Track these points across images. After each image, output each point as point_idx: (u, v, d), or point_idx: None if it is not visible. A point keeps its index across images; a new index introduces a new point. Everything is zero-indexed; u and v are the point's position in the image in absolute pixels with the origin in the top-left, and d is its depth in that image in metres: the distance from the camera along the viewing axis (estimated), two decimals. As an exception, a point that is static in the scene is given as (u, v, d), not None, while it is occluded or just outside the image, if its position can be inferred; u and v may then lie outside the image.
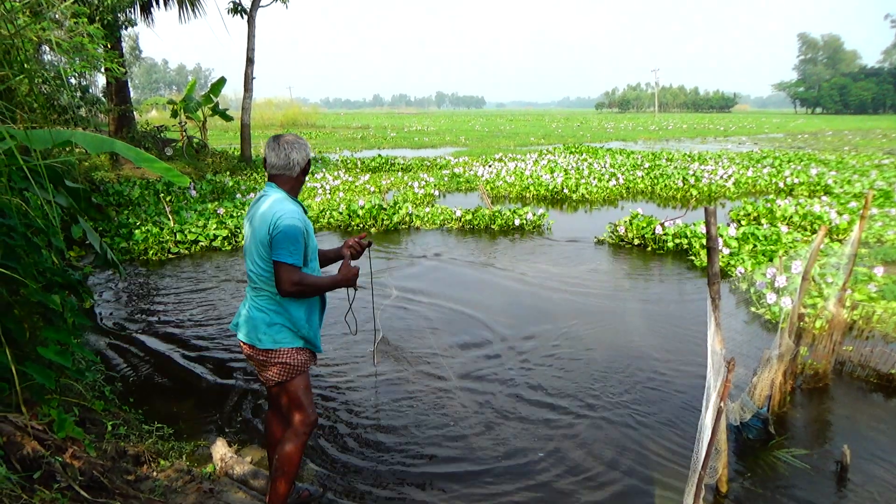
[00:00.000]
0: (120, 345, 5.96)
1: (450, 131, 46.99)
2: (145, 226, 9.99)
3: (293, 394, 2.96)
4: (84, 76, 13.62)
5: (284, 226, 2.77)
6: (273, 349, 2.88)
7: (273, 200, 2.88)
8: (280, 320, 2.89)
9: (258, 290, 2.91)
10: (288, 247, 2.76)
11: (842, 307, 4.98)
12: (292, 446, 2.93)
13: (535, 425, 4.44)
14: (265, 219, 2.82)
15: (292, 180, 2.98)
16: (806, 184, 15.67)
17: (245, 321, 2.94)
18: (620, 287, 7.86)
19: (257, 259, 2.86)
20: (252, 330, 2.89)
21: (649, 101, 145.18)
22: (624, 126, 57.83)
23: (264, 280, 2.87)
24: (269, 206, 2.86)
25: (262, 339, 2.87)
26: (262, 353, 2.90)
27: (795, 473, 3.85)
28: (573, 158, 22.72)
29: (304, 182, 3.09)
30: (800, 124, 61.37)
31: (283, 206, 2.84)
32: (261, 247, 2.84)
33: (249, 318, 2.91)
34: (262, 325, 2.88)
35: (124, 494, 2.97)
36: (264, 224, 2.81)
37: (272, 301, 2.88)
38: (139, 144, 17.51)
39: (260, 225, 2.83)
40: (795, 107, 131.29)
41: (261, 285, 2.89)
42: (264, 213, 2.84)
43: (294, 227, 2.78)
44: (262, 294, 2.90)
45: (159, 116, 33.82)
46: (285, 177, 2.96)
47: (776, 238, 9.17)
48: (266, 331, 2.87)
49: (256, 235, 2.85)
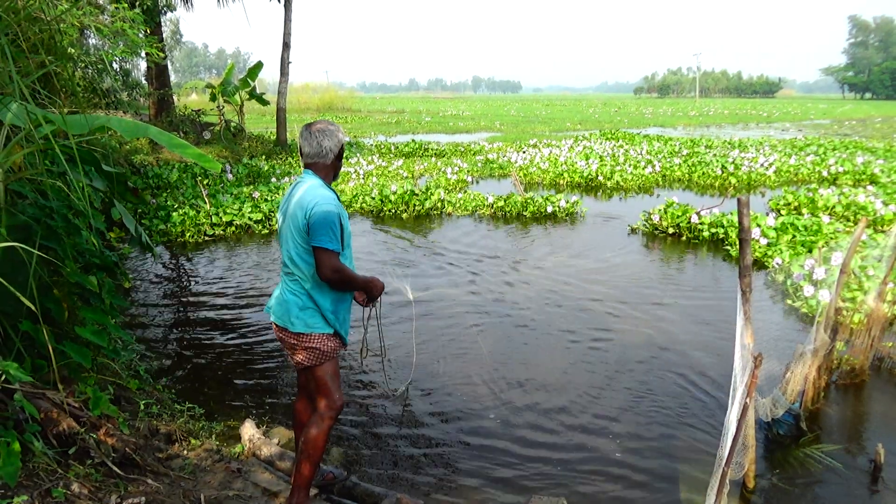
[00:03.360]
0: (155, 325, 6.12)
1: (485, 116, 46.73)
2: (182, 209, 10.19)
3: (321, 379, 2.99)
4: (125, 61, 13.91)
5: (321, 212, 2.77)
6: (305, 333, 2.90)
7: (308, 187, 2.89)
8: (312, 305, 2.92)
9: (290, 275, 2.93)
10: (327, 233, 2.77)
11: (882, 301, 4.83)
12: (318, 430, 2.96)
13: (560, 415, 4.43)
14: (301, 205, 2.83)
15: (327, 167, 3.00)
16: (851, 172, 15.17)
17: (278, 304, 2.98)
18: (653, 276, 7.75)
19: (292, 245, 2.88)
20: (285, 313, 2.93)
21: (690, 86, 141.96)
22: (663, 112, 56.70)
23: (297, 266, 2.89)
24: (304, 192, 2.88)
25: (294, 322, 2.89)
26: (294, 337, 2.93)
27: (826, 471, 3.77)
28: (609, 145, 22.38)
29: (340, 167, 3.10)
30: (847, 110, 59.35)
31: (318, 192, 2.86)
32: (296, 233, 2.85)
33: (283, 301, 2.94)
34: (295, 309, 2.90)
35: (155, 472, 3.06)
36: (300, 210, 2.82)
37: (302, 288, 2.91)
38: (177, 128, 17.84)
39: (296, 211, 2.85)
40: (843, 92, 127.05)
41: (293, 270, 2.91)
42: (300, 200, 2.85)
43: (330, 213, 2.79)
44: (293, 279, 2.93)
45: (199, 100, 34.32)
46: (320, 164, 2.98)
47: (817, 228, 8.91)
48: (298, 314, 2.90)
49: (292, 222, 2.87)
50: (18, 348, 2.95)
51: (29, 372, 2.92)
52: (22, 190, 3.42)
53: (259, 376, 5.03)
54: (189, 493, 2.97)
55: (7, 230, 3.00)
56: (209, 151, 17.37)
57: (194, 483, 3.12)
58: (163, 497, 2.84)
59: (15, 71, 2.92)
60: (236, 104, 20.90)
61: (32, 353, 3.11)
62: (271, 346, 5.58)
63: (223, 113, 20.13)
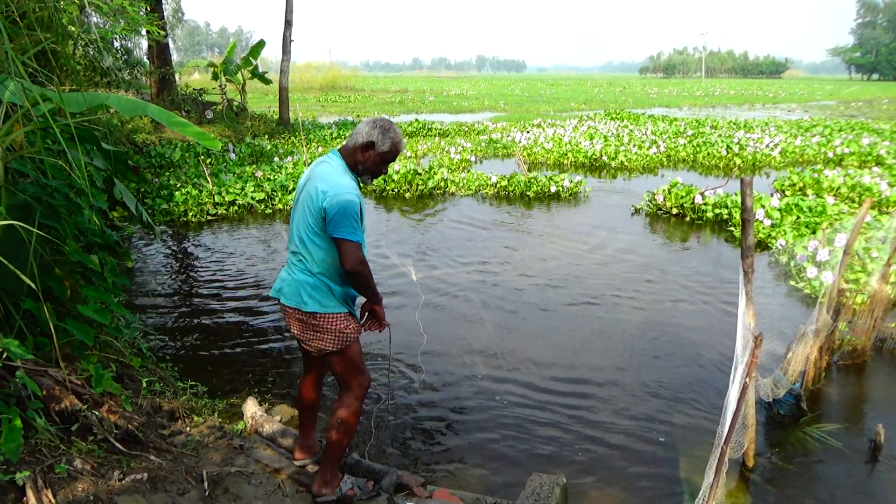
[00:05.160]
0: (158, 304, 6.14)
1: (489, 96, 46.41)
2: (185, 188, 10.18)
3: (350, 359, 2.94)
4: (126, 39, 13.80)
5: (343, 201, 2.67)
6: (320, 313, 2.82)
7: (330, 169, 2.81)
8: (324, 286, 2.84)
9: (297, 254, 2.86)
10: (350, 223, 2.69)
11: (885, 283, 4.81)
12: (348, 411, 2.92)
13: (561, 394, 4.44)
14: (319, 187, 2.74)
15: (352, 153, 2.86)
16: (857, 154, 15.06)
17: (288, 285, 2.88)
18: (655, 257, 7.74)
19: (303, 226, 2.80)
20: (296, 293, 2.83)
21: (696, 66, 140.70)
22: (668, 92, 56.24)
23: (306, 248, 2.81)
24: (325, 173, 2.79)
25: (307, 301, 2.81)
26: (309, 317, 2.84)
27: (826, 450, 3.78)
28: (614, 125, 22.23)
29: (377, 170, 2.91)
30: (854, 91, 58.77)
31: (339, 179, 2.76)
32: (309, 213, 2.77)
33: (294, 281, 2.85)
34: (307, 288, 2.82)
35: (158, 448, 3.08)
36: (316, 192, 2.73)
37: (309, 269, 2.83)
38: (179, 107, 17.75)
39: (312, 190, 2.76)
40: (850, 73, 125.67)
41: (301, 251, 2.83)
42: (320, 179, 2.77)
43: (352, 203, 2.69)
44: (302, 259, 2.84)
45: (201, 79, 34.14)
46: (349, 147, 2.87)
47: (821, 210, 8.86)
48: (311, 293, 2.82)
49: (308, 200, 2.78)
50: (20, 326, 2.96)
51: (31, 350, 2.94)
52: (23, 168, 3.41)
53: (261, 354, 5.06)
54: (192, 469, 2.99)
55: (7, 209, 3.00)
56: (211, 131, 17.31)
57: (197, 459, 3.15)
58: (165, 473, 2.86)
59: (12, 48, 2.89)
60: (238, 83, 20.77)
61: (35, 331, 3.13)
62: (273, 324, 5.60)
63: (225, 92, 20.03)
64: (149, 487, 2.70)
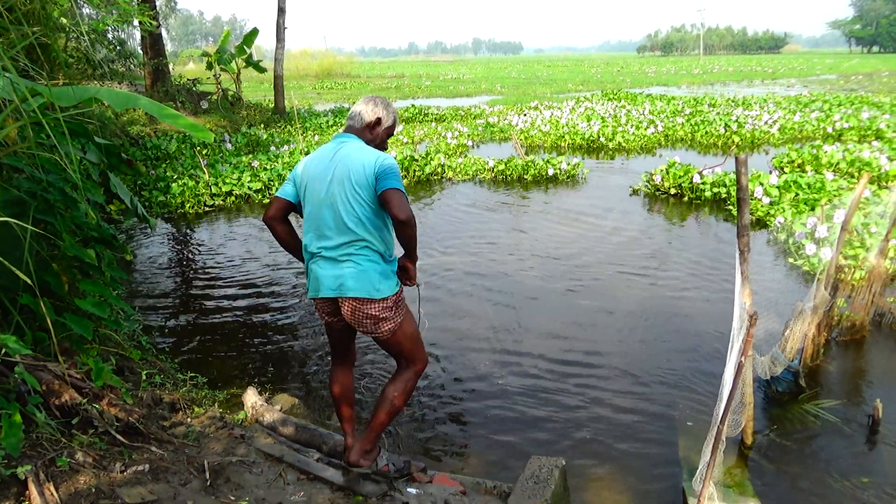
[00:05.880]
0: (157, 296, 6.15)
1: (486, 79, 46.14)
2: (182, 179, 10.16)
3: (411, 334, 2.88)
4: (118, 30, 13.70)
5: (390, 162, 2.69)
6: (391, 296, 2.76)
7: (358, 147, 2.78)
8: (388, 267, 2.78)
9: (357, 241, 2.71)
10: (398, 177, 2.67)
11: (884, 258, 4.81)
12: (402, 388, 2.87)
13: (561, 377, 4.46)
14: (361, 161, 2.68)
15: (361, 132, 2.88)
16: (856, 128, 14.97)
17: (353, 277, 2.70)
18: (654, 237, 7.73)
19: (354, 205, 2.68)
20: (366, 283, 2.70)
21: (694, 44, 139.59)
22: (666, 70, 55.87)
23: (366, 229, 2.71)
24: (355, 150, 2.75)
25: (380, 288, 2.72)
26: (378, 304, 2.73)
27: (824, 426, 3.80)
28: (611, 105, 22.11)
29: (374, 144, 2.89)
30: (854, 65, 58.35)
31: (374, 151, 2.76)
32: (360, 190, 2.68)
33: (360, 271, 2.70)
34: (377, 276, 2.72)
35: (159, 439, 3.10)
36: (362, 166, 2.67)
37: (375, 251, 2.74)
38: (174, 98, 17.66)
39: (355, 169, 2.68)
40: (850, 46, 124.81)
41: (362, 235, 2.70)
42: (357, 157, 2.71)
43: (395, 164, 2.71)
44: (363, 245, 2.72)
45: (196, 69, 33.97)
46: (356, 128, 2.88)
47: (820, 186, 8.84)
48: (382, 280, 2.73)
49: (350, 180, 2.68)
50: (17, 322, 2.97)
51: (30, 345, 2.95)
52: (17, 164, 3.40)
53: (261, 344, 5.07)
54: (193, 460, 3.02)
55: (1, 205, 3.00)
56: (207, 121, 17.23)
57: (198, 450, 3.17)
58: (167, 464, 2.89)
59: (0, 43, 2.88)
60: (233, 72, 20.64)
61: (33, 326, 3.14)
62: (273, 313, 5.62)
63: (220, 81, 19.91)
64: (150, 478, 2.72)
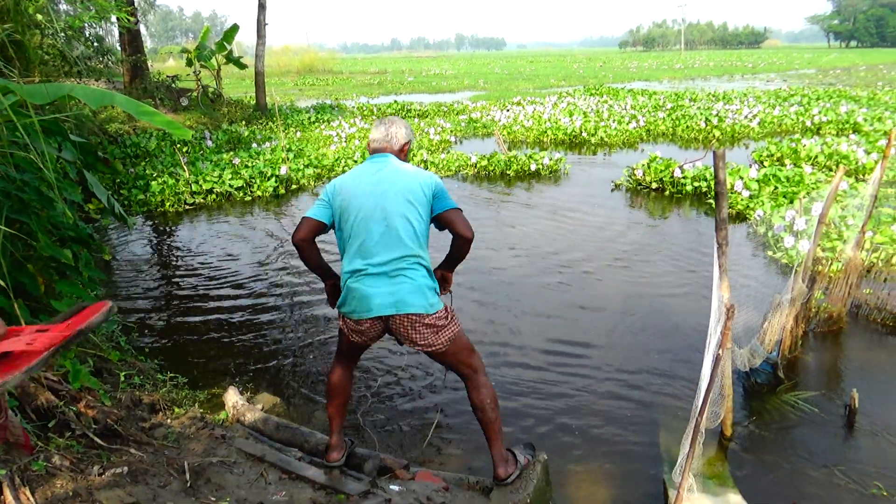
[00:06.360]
0: (137, 296, 6.08)
1: (468, 75, 46.10)
2: (161, 177, 10.05)
3: (466, 342, 2.88)
4: (93, 26, 13.50)
5: (439, 181, 2.83)
6: (443, 307, 2.80)
7: (401, 165, 2.87)
8: (435, 283, 2.82)
9: (410, 257, 2.72)
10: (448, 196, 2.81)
11: (860, 250, 4.87)
12: (491, 388, 2.92)
13: (541, 369, 4.48)
14: (411, 177, 2.78)
15: (397, 153, 2.96)
16: (834, 122, 15.15)
17: (412, 291, 2.69)
18: (635, 232, 7.78)
19: (413, 220, 2.73)
20: (423, 298, 2.71)
21: (675, 39, 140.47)
22: (648, 65, 56.18)
23: (420, 245, 2.76)
24: (400, 169, 2.83)
25: (433, 303, 2.74)
26: (434, 317, 2.74)
27: (803, 417, 3.85)
28: (593, 100, 22.20)
29: None
30: (832, 59, 59.04)
31: (420, 169, 2.87)
32: (416, 206, 2.73)
33: (417, 287, 2.71)
34: (430, 291, 2.75)
35: (138, 441, 3.07)
36: (417, 183, 2.76)
37: (422, 266, 2.76)
38: (153, 95, 17.45)
39: (410, 184, 2.75)
40: (829, 41, 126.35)
41: (415, 249, 2.73)
42: (406, 175, 2.79)
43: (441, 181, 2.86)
44: (416, 261, 2.74)
45: (175, 65, 33.56)
46: (391, 149, 2.95)
47: (799, 179, 8.94)
48: (434, 294, 2.77)
49: (405, 195, 2.73)
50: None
51: (3, 347, 2.90)
52: (-10, 163, 3.34)
53: (242, 344, 5.04)
54: (173, 461, 2.99)
55: (-27, 205, 2.94)
56: (187, 118, 17.06)
57: (178, 451, 3.14)
58: (146, 466, 2.86)
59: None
60: (213, 69, 20.45)
61: (7, 328, 3.08)
62: (255, 313, 5.58)
63: (200, 78, 19.71)
64: (129, 481, 2.69)
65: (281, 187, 10.30)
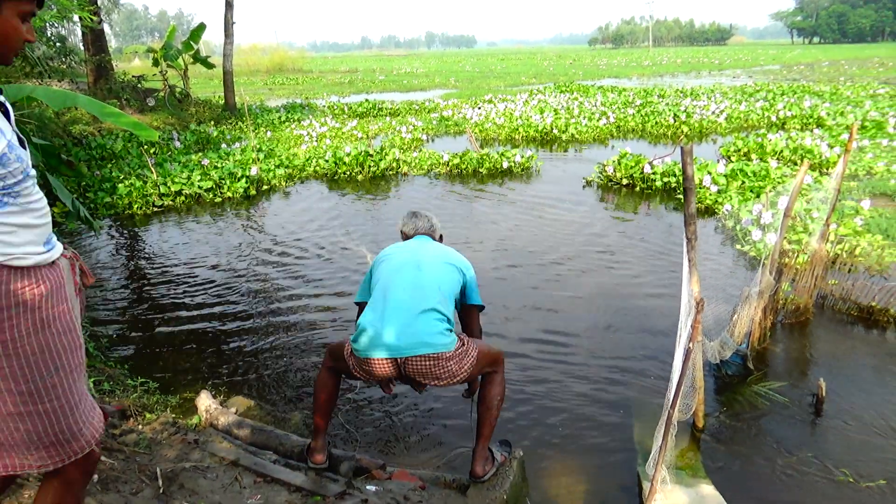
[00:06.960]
0: (105, 301, 5.97)
1: (439, 73, 46.09)
2: (129, 179, 9.86)
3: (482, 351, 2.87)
4: (55, 26, 13.20)
5: (474, 275, 3.09)
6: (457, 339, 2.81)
7: (443, 246, 3.20)
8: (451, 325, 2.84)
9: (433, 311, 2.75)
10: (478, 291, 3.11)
11: (825, 242, 4.98)
12: (503, 387, 2.98)
13: (517, 370, 4.49)
14: (458, 256, 3.10)
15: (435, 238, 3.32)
16: (799, 117, 15.49)
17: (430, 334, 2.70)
18: (607, 228, 7.85)
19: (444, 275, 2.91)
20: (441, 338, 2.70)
21: (643, 36, 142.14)
22: (617, 62, 56.76)
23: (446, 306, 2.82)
24: (442, 248, 3.14)
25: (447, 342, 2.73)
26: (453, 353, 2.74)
27: (773, 406, 3.92)
28: (564, 98, 22.37)
29: None
30: (796, 55, 60.33)
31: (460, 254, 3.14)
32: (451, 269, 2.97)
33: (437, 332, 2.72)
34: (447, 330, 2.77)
35: (108, 448, 3.01)
36: (458, 258, 3.07)
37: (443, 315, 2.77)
38: (118, 96, 17.12)
39: (453, 256, 3.07)
40: (792, 37, 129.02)
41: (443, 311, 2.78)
42: (446, 253, 3.06)
43: None
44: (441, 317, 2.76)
45: (141, 65, 32.99)
46: (432, 235, 3.31)
47: (765, 174, 9.11)
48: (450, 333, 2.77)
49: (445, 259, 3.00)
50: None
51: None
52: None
53: (214, 347, 4.97)
54: (145, 468, 2.94)
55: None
56: (154, 118, 16.77)
57: (150, 457, 3.09)
58: (117, 473, 2.81)
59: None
60: (180, 68, 20.12)
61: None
62: (226, 315, 5.51)
63: (166, 78, 19.39)
64: (100, 489, 2.64)
65: (252, 188, 10.19)
